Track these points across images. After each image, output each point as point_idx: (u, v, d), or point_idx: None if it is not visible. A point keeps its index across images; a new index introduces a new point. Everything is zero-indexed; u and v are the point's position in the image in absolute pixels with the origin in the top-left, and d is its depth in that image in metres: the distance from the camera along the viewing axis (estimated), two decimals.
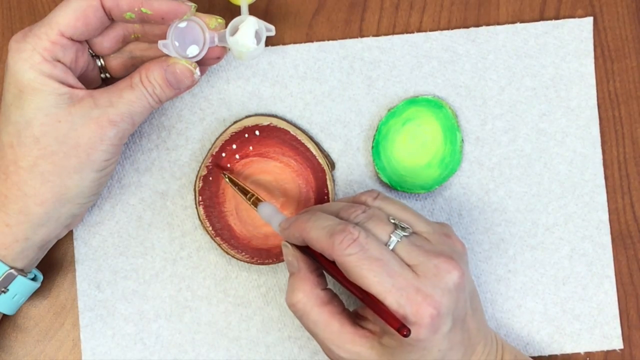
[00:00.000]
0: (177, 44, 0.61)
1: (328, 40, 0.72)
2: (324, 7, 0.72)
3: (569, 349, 0.71)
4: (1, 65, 0.71)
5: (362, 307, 0.63)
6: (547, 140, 0.71)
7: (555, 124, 0.71)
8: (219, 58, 0.65)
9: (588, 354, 0.71)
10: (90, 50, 0.64)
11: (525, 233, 0.71)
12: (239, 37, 0.62)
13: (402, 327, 0.54)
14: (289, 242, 0.63)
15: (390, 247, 0.58)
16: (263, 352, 0.70)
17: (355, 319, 0.62)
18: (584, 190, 0.71)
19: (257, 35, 0.63)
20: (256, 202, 0.67)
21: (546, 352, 0.71)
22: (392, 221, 0.60)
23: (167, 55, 0.61)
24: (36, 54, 0.58)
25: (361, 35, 0.72)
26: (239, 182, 0.69)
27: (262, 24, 0.63)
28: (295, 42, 0.72)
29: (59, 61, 0.60)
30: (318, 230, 0.59)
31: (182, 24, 0.61)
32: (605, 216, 0.71)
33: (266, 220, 0.65)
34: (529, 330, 0.71)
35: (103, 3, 0.59)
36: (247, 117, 0.71)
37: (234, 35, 0.62)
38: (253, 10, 0.71)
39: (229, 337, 0.70)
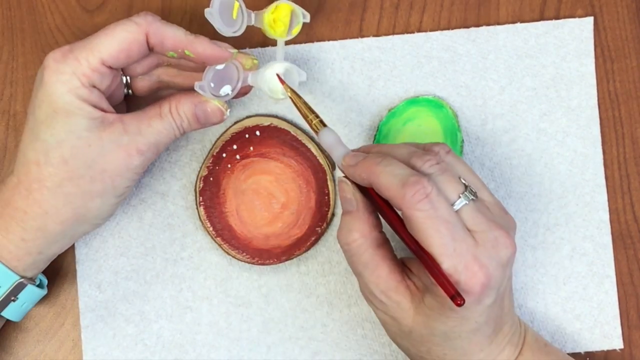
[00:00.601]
0: (212, 85, 0.62)
1: (328, 40, 0.72)
2: (324, 7, 0.72)
3: (569, 349, 0.71)
4: (1, 65, 0.71)
5: (409, 260, 0.62)
6: (548, 140, 0.71)
7: (556, 123, 0.71)
8: (245, 94, 0.66)
9: (588, 353, 0.71)
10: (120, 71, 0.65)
11: (525, 233, 0.71)
12: (271, 81, 0.64)
13: (456, 296, 0.53)
14: (348, 179, 0.61)
15: (456, 208, 0.57)
16: (264, 352, 0.70)
17: (403, 268, 0.61)
18: (585, 190, 0.71)
19: (289, 79, 0.64)
20: (319, 126, 0.62)
21: None
22: (463, 182, 0.58)
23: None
24: (75, 79, 0.59)
25: (361, 35, 0.72)
26: (302, 98, 0.64)
27: (295, 69, 0.65)
28: (295, 43, 0.72)
29: (94, 87, 0.60)
30: (390, 177, 0.56)
31: (220, 67, 0.62)
32: (605, 216, 0.71)
33: (326, 148, 0.62)
34: None
35: (148, 39, 0.60)
36: (247, 117, 0.71)
37: (265, 78, 0.64)
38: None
39: (230, 337, 0.70)
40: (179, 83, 0.66)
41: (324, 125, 0.62)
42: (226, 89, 0.62)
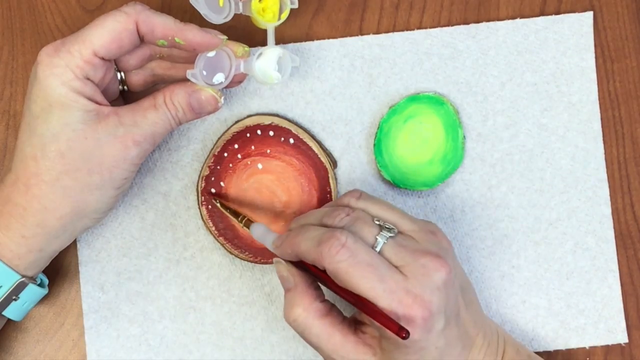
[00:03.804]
0: (204, 73, 0.62)
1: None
2: (324, 7, 0.73)
3: (573, 344, 0.71)
4: (1, 65, 0.71)
5: (359, 313, 0.63)
6: (549, 135, 0.72)
7: (557, 119, 0.72)
8: (240, 82, 0.66)
9: (590, 349, 0.71)
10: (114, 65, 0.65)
11: (528, 228, 0.71)
12: (264, 67, 0.64)
13: (400, 330, 0.54)
14: (283, 259, 0.63)
15: (377, 249, 0.58)
16: (268, 351, 0.70)
17: (355, 325, 0.62)
18: (587, 185, 0.71)
19: (282, 64, 0.65)
20: (248, 224, 0.67)
21: (551, 347, 0.71)
22: (377, 222, 0.59)
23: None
24: (68, 71, 0.59)
25: (361, 35, 0.72)
26: (230, 206, 0.69)
27: (288, 54, 0.65)
28: (295, 41, 0.72)
29: (88, 79, 0.60)
30: (307, 242, 0.59)
31: (212, 54, 0.62)
32: (608, 210, 0.71)
33: (259, 240, 0.65)
34: (533, 326, 0.71)
35: (138, 28, 0.60)
36: (248, 116, 0.71)
37: (258, 65, 0.64)
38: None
39: (234, 336, 0.70)
40: (172, 75, 0.66)
41: (251, 222, 0.67)
42: (219, 77, 0.62)
